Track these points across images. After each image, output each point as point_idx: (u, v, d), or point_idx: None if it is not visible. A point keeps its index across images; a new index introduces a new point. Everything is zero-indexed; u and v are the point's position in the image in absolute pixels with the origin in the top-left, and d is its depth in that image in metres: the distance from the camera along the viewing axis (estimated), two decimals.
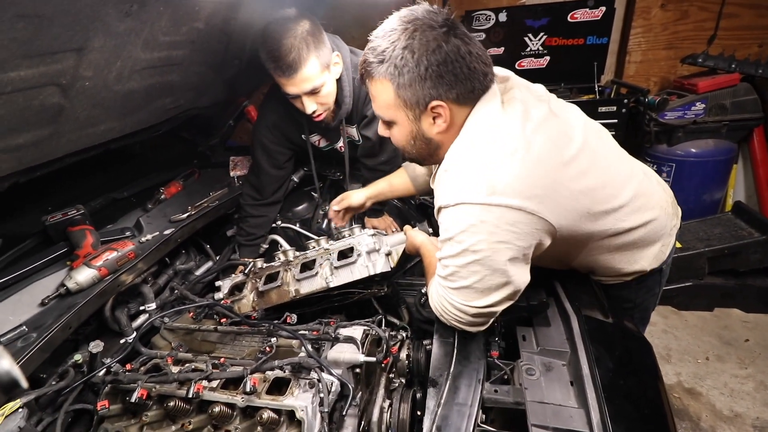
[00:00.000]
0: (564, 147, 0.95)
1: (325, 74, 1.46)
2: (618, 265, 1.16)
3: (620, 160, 1.12)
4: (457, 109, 0.94)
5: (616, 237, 1.07)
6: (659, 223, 1.13)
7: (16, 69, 0.78)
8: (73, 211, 1.31)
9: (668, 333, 2.53)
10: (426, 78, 0.89)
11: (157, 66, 1.17)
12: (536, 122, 0.95)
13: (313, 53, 1.39)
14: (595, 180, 0.97)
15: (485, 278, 0.93)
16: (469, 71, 0.90)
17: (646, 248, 1.15)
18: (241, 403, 1.00)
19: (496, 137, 0.91)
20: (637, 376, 0.94)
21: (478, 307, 0.97)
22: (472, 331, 1.05)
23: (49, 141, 1.03)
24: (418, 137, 1.00)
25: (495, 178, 0.87)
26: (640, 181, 1.10)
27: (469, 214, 0.88)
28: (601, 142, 1.07)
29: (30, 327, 1.03)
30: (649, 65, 3.24)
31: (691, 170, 2.88)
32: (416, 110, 0.94)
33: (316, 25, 1.42)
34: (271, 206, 1.88)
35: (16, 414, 0.92)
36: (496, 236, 0.88)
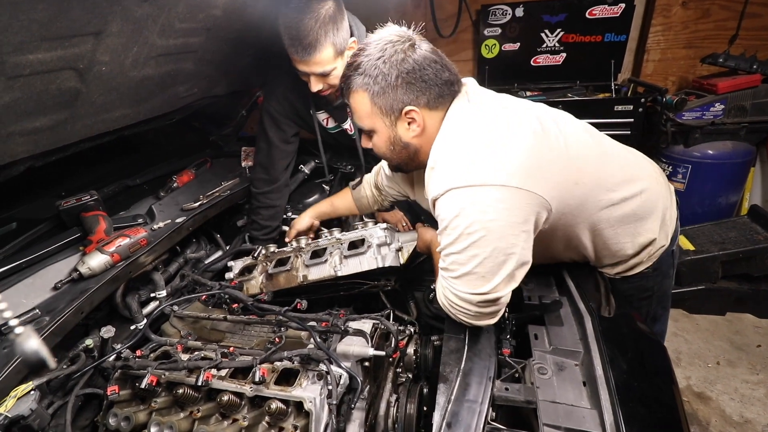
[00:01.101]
0: (535, 125, 1.00)
1: (338, 60, 1.45)
2: (623, 239, 1.16)
3: (598, 136, 1.17)
4: (428, 113, 1.03)
5: (614, 207, 1.09)
6: (653, 191, 1.16)
7: (34, 51, 0.78)
8: (86, 197, 1.32)
9: (679, 336, 2.50)
10: (397, 86, 0.99)
11: (172, 53, 1.16)
12: (507, 105, 1.05)
13: (330, 39, 1.37)
14: (576, 153, 1.03)
15: (484, 261, 0.93)
16: (436, 78, 1.00)
17: (648, 219, 1.16)
18: (249, 392, 1.00)
19: (472, 125, 0.99)
20: (652, 378, 0.92)
21: (482, 294, 0.96)
22: (482, 326, 1.04)
23: (64, 125, 1.03)
24: (397, 143, 1.08)
25: (477, 161, 0.93)
26: (623, 155, 1.18)
27: (458, 198, 0.93)
28: (569, 124, 1.12)
29: (43, 310, 1.04)
30: (667, 64, 3.17)
31: (708, 172, 2.82)
32: (391, 116, 1.03)
33: (339, 6, 1.40)
34: (281, 192, 1.87)
35: (28, 396, 0.93)
36: (487, 215, 0.90)
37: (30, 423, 0.92)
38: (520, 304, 1.16)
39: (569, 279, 1.18)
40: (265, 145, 1.79)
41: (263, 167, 1.82)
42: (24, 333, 0.57)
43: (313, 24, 1.33)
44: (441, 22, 2.90)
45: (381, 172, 1.57)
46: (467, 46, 3.28)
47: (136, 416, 1.06)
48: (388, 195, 1.59)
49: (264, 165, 1.81)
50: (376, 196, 1.62)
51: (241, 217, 1.97)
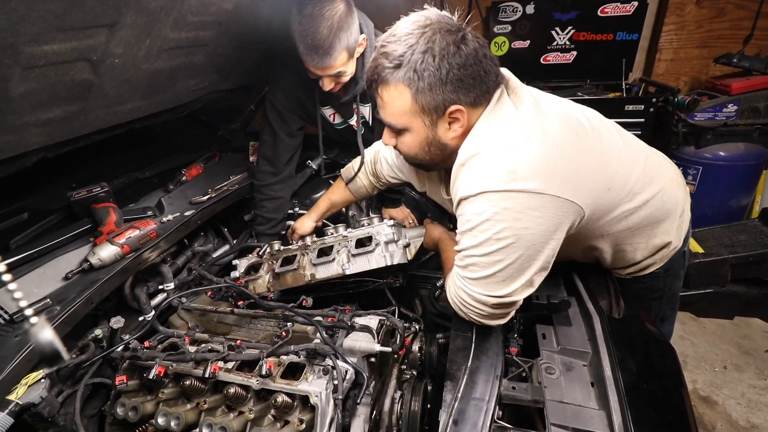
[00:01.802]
0: (576, 127, 0.96)
1: (350, 62, 1.46)
2: (639, 240, 1.14)
3: (626, 137, 1.14)
4: (473, 111, 0.95)
5: (635, 210, 1.06)
6: (671, 193, 1.14)
7: (50, 42, 0.78)
8: (97, 189, 1.33)
9: (685, 339, 2.48)
10: (447, 82, 0.88)
11: (184, 46, 1.17)
12: (546, 107, 0.96)
13: (344, 44, 1.38)
14: (609, 155, 0.99)
15: (508, 267, 0.91)
16: (485, 74, 0.91)
17: (665, 221, 1.14)
18: (256, 385, 1.01)
19: (510, 125, 0.91)
20: (661, 380, 0.92)
21: (499, 297, 0.95)
22: (492, 325, 1.03)
23: (77, 117, 1.03)
24: (434, 144, 0.98)
25: (515, 164, 0.86)
26: (646, 155, 1.14)
27: (491, 202, 0.87)
28: (602, 123, 1.09)
29: (54, 300, 1.05)
30: (680, 64, 3.13)
31: (719, 174, 2.79)
32: (433, 116, 0.93)
33: (349, 6, 1.40)
34: (286, 183, 1.87)
35: (38, 384, 0.94)
36: (520, 222, 0.87)
37: (40, 411, 0.93)
38: (529, 303, 1.15)
39: (578, 279, 1.17)
40: (269, 138, 1.78)
41: (267, 160, 1.81)
42: (38, 323, 0.57)
43: (327, 33, 1.33)
44: None
45: (381, 161, 1.50)
46: None
47: (143, 406, 1.06)
48: (388, 183, 1.55)
49: (268, 157, 1.81)
50: (374, 184, 1.59)
51: (248, 211, 1.97)
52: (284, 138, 1.77)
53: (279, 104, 1.71)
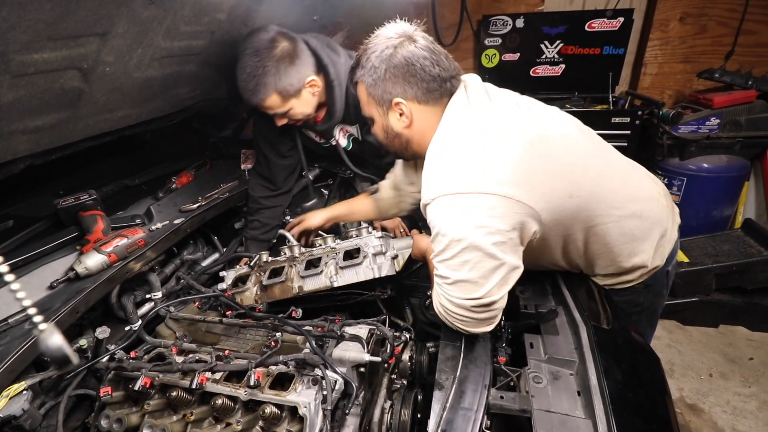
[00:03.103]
0: (538, 130, 1.01)
1: (290, 102, 1.46)
2: (616, 257, 1.17)
3: (605, 149, 1.16)
4: (417, 107, 1.06)
5: (610, 224, 1.09)
6: (653, 213, 1.17)
7: (40, 51, 0.78)
8: (85, 196, 1.31)
9: (672, 348, 2.51)
10: (386, 78, 1.04)
11: (176, 55, 1.17)
12: (507, 108, 1.04)
13: (272, 88, 1.39)
14: (575, 162, 1.03)
15: (476, 266, 0.94)
16: (424, 73, 1.02)
17: (644, 240, 1.16)
18: (244, 396, 1.00)
19: (464, 130, 1.00)
20: (646, 389, 0.93)
21: (477, 299, 0.96)
22: (478, 332, 1.04)
23: (66, 124, 1.03)
24: (389, 131, 1.13)
25: (466, 168, 0.95)
26: (627, 171, 1.18)
27: (447, 204, 0.95)
28: (580, 135, 1.11)
29: (38, 310, 1.03)
30: (664, 78, 3.22)
31: (703, 185, 2.86)
32: (383, 107, 1.09)
33: (291, 46, 1.40)
34: (284, 195, 1.88)
35: (20, 396, 0.92)
36: (476, 221, 0.92)
37: (21, 423, 0.91)
38: (516, 312, 1.17)
39: (565, 289, 1.19)
40: (263, 159, 1.80)
41: (264, 178, 1.83)
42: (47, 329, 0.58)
43: (252, 74, 1.35)
44: (442, 30, 2.92)
45: (397, 169, 1.56)
46: (468, 55, 3.32)
47: (128, 418, 1.04)
48: (408, 194, 1.56)
49: (264, 176, 1.82)
50: (396, 199, 1.60)
51: (239, 219, 1.96)
52: (277, 160, 1.79)
53: (265, 127, 1.73)
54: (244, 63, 1.36)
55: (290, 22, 1.59)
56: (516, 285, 1.00)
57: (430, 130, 1.07)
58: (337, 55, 1.55)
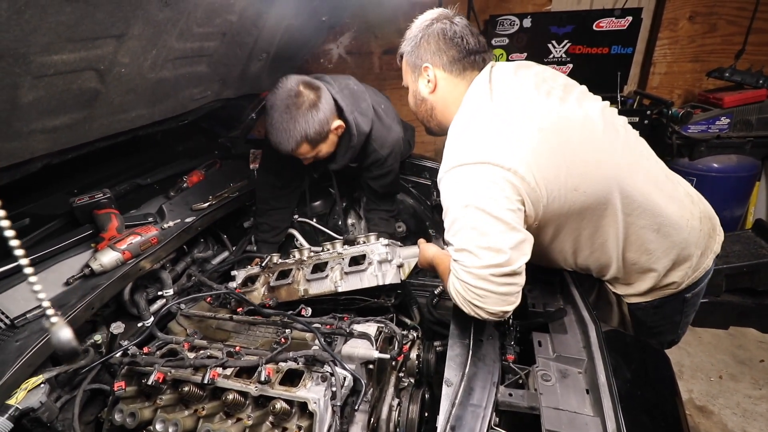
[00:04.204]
0: (549, 117, 1.02)
1: (319, 147, 1.53)
2: (625, 269, 1.15)
3: (637, 153, 1.13)
4: (443, 74, 1.16)
5: (620, 230, 1.08)
6: (678, 234, 1.10)
7: (59, 52, 0.80)
8: (99, 195, 1.34)
9: (681, 349, 2.49)
10: (421, 45, 1.16)
11: (188, 56, 1.19)
12: (529, 95, 1.06)
13: (304, 138, 1.46)
14: (586, 156, 1.02)
15: (488, 231, 0.94)
16: (452, 44, 1.13)
17: (660, 258, 1.12)
18: (254, 392, 1.01)
19: (481, 112, 1.05)
20: (655, 388, 0.93)
21: (496, 266, 0.93)
22: (498, 313, 0.97)
23: (83, 124, 1.05)
24: (418, 96, 1.23)
25: (480, 142, 1.00)
26: (657, 181, 1.11)
27: (455, 175, 1.00)
28: (610, 133, 1.08)
29: (54, 305, 1.04)
30: (673, 77, 3.19)
31: (712, 185, 2.83)
32: (415, 73, 1.20)
33: (317, 96, 1.46)
34: (292, 195, 1.90)
35: (38, 389, 0.94)
36: (483, 188, 0.95)
37: (39, 416, 0.93)
38: (525, 311, 1.17)
39: (574, 287, 1.19)
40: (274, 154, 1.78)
41: (273, 173, 1.83)
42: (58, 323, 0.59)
43: (284, 128, 1.43)
44: None
45: None
46: None
47: (141, 413, 1.06)
48: None
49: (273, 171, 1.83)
50: None
51: (248, 218, 1.98)
52: (280, 189, 1.84)
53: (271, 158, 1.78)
54: (275, 120, 1.44)
55: (299, 24, 1.61)
56: (524, 283, 1.00)
57: (453, 103, 1.15)
58: (362, 116, 1.59)
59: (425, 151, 2.99)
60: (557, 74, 1.19)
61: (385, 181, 1.79)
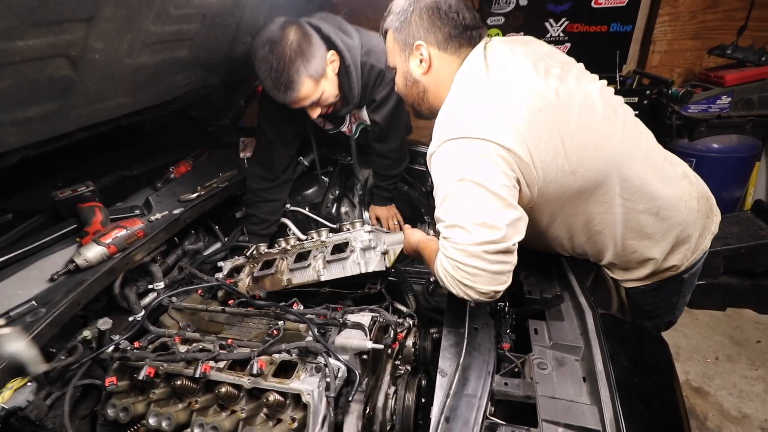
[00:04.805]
0: (547, 97, 0.97)
1: (321, 84, 1.44)
2: (623, 252, 1.12)
3: (635, 136, 1.09)
4: (438, 54, 1.07)
5: (618, 215, 1.06)
6: (676, 215, 1.09)
7: (23, 38, 0.76)
8: (82, 188, 1.30)
9: (678, 331, 2.50)
10: (411, 21, 1.06)
11: (168, 41, 1.14)
12: (525, 73, 1.01)
13: (304, 74, 1.37)
14: (586, 140, 0.99)
15: (482, 205, 0.90)
16: (447, 18, 1.04)
17: (658, 241, 1.11)
18: (247, 384, 1.00)
19: (474, 91, 0.99)
20: (652, 375, 0.92)
21: (490, 242, 0.89)
22: (490, 293, 0.93)
23: (58, 115, 1.01)
24: (409, 78, 1.13)
25: (474, 116, 0.95)
26: (655, 164, 1.09)
27: (449, 148, 0.95)
28: (609, 114, 1.05)
29: (39, 302, 1.03)
30: (674, 55, 3.12)
31: (712, 166, 2.79)
32: (406, 52, 1.10)
33: (302, 32, 1.38)
34: (283, 187, 1.85)
35: (25, 387, 0.93)
36: (477, 162, 0.91)
37: (27, 414, 0.92)
38: (521, 298, 1.15)
39: (571, 273, 1.17)
40: (265, 145, 1.76)
41: (263, 165, 1.78)
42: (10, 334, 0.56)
43: (282, 68, 1.34)
44: None
45: None
46: None
47: (134, 407, 1.05)
48: None
49: (264, 163, 1.78)
50: None
51: (240, 208, 1.95)
52: (279, 147, 1.75)
53: (271, 113, 1.69)
54: (267, 61, 1.34)
55: (284, 4, 1.55)
56: (520, 270, 0.98)
57: (446, 84, 1.07)
58: (350, 38, 1.52)
59: (420, 137, 2.94)
60: (555, 51, 1.14)
61: (388, 106, 1.65)
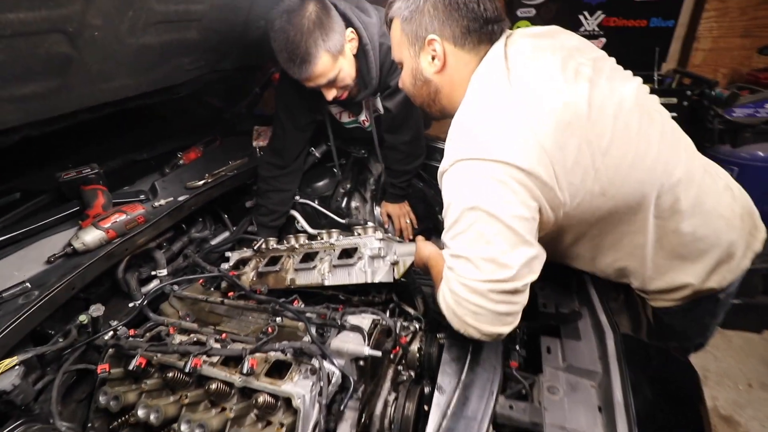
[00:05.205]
0: (577, 108, 0.85)
1: (339, 61, 1.38)
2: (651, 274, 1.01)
3: (674, 145, 0.97)
4: (453, 50, 0.95)
5: (649, 235, 0.94)
6: (717, 234, 0.97)
7: (14, 10, 0.72)
8: (87, 170, 1.29)
9: (708, 353, 2.33)
10: (424, 11, 0.93)
11: (173, 20, 1.09)
12: (545, 75, 0.88)
13: (322, 48, 1.31)
14: (621, 158, 0.87)
15: (494, 239, 0.81)
16: (466, 9, 0.91)
17: (694, 262, 0.99)
18: (238, 383, 0.96)
19: (494, 95, 0.88)
20: (679, 409, 0.81)
21: (498, 281, 0.81)
22: (491, 335, 0.87)
23: (58, 94, 0.98)
24: (418, 77, 1.01)
25: (492, 134, 0.84)
26: (696, 178, 0.96)
27: (463, 169, 0.85)
28: (645, 124, 0.93)
29: (33, 284, 1.02)
30: (719, 54, 2.90)
31: (757, 176, 2.57)
32: (416, 46, 0.98)
33: (322, 4, 1.32)
34: (293, 176, 1.81)
35: (11, 371, 0.91)
36: (493, 189, 0.81)
37: (12, 399, 0.90)
38: (534, 311, 1.06)
39: (592, 288, 1.07)
40: (280, 131, 1.73)
41: (275, 152, 1.76)
42: None
43: (299, 41, 1.28)
44: None
45: None
46: None
47: (125, 396, 1.04)
48: None
49: (277, 150, 1.75)
50: None
51: (250, 197, 1.92)
52: (294, 132, 1.71)
53: (288, 97, 1.65)
54: (284, 32, 1.28)
55: None
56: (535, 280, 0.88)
57: (461, 85, 0.95)
58: (368, 17, 1.46)
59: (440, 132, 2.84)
60: (585, 43, 1.02)
61: (403, 93, 1.51)
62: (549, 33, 1.02)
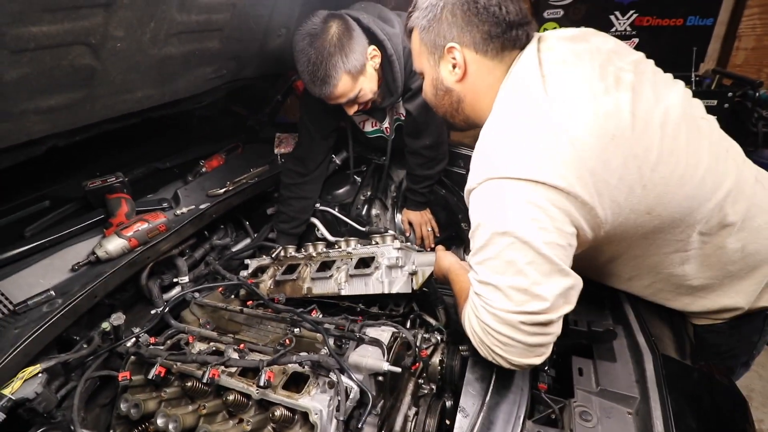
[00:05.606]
0: (620, 120, 0.79)
1: (359, 81, 1.40)
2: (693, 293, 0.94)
3: (723, 158, 0.89)
4: (474, 57, 0.90)
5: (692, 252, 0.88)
6: (763, 245, 0.89)
7: (37, 23, 0.73)
8: (112, 179, 1.31)
9: (753, 371, 2.17)
10: (442, 18, 0.90)
11: (195, 30, 1.10)
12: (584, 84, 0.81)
13: (342, 70, 1.34)
14: (669, 174, 0.81)
15: (526, 268, 0.74)
16: (487, 14, 0.87)
17: (742, 279, 0.91)
18: (255, 395, 0.95)
19: (529, 106, 0.81)
20: None
21: (530, 313, 0.75)
22: (523, 365, 0.80)
23: (83, 105, 1.00)
24: (440, 87, 0.98)
25: (527, 151, 0.77)
26: (746, 190, 0.89)
27: (494, 189, 0.78)
28: (692, 135, 0.85)
29: (57, 292, 1.04)
30: (763, 53, 2.72)
31: None
32: (435, 55, 0.95)
33: (344, 25, 1.34)
34: (315, 183, 1.82)
35: (35, 378, 0.92)
36: (526, 212, 0.75)
37: (35, 406, 0.91)
38: (565, 328, 0.99)
39: (628, 305, 0.99)
40: (305, 139, 1.75)
41: (298, 159, 1.76)
42: None
43: (320, 61, 1.31)
44: None
45: None
46: None
47: (145, 404, 1.04)
48: None
49: (300, 158, 1.76)
50: None
51: (272, 204, 1.93)
52: (316, 137, 1.72)
53: (313, 105, 1.65)
54: (306, 54, 1.32)
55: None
56: None
57: (486, 93, 0.91)
58: (391, 26, 1.46)
59: (464, 137, 2.79)
60: (622, 46, 0.94)
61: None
62: (582, 36, 0.94)
